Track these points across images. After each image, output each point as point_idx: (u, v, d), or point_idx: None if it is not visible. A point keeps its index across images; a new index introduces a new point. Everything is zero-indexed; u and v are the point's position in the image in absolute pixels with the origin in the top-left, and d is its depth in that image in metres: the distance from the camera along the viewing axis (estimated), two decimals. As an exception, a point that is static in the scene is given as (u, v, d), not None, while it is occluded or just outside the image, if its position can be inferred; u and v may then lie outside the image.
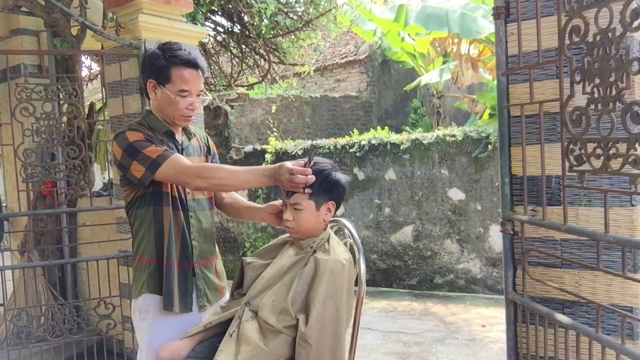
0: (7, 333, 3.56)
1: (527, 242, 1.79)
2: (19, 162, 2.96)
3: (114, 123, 3.41)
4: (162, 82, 1.79)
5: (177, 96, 1.78)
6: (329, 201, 1.71)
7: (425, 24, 7.13)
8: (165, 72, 1.77)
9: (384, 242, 5.80)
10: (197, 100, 1.84)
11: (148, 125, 1.85)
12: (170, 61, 1.77)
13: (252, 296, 1.71)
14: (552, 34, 1.66)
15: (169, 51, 1.78)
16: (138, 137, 1.76)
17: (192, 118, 1.86)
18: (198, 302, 1.89)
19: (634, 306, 1.61)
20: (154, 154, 1.72)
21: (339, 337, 1.60)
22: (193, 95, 1.82)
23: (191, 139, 1.97)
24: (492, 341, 3.95)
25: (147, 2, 3.13)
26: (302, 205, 1.67)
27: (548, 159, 1.70)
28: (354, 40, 10.65)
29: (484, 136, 5.15)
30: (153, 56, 1.80)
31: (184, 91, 1.79)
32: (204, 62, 1.84)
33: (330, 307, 1.58)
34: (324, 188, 1.68)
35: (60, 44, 3.74)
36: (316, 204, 1.69)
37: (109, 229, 3.58)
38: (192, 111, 1.83)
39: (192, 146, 1.95)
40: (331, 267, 1.61)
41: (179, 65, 1.77)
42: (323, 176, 1.67)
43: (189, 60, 1.78)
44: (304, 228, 1.72)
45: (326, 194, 1.69)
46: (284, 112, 8.60)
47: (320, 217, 1.71)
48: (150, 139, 1.78)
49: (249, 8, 4.91)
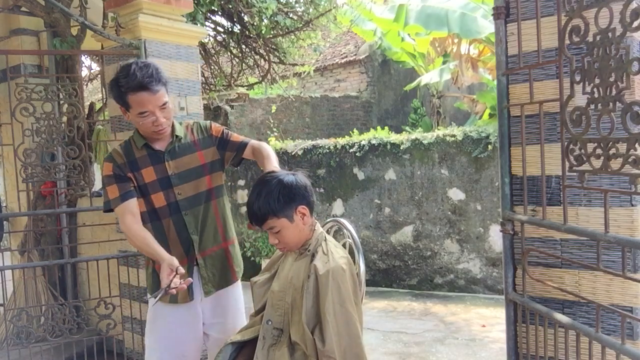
0: (7, 333, 3.56)
1: (527, 242, 1.79)
2: (19, 162, 2.96)
3: (114, 123, 3.41)
4: (125, 108, 1.93)
5: (139, 119, 1.91)
6: (297, 207, 1.68)
7: (425, 24, 7.13)
8: (123, 100, 1.89)
9: (384, 242, 5.80)
10: (160, 115, 1.91)
11: (132, 140, 2.03)
12: (123, 89, 1.87)
13: (271, 313, 1.72)
14: (552, 34, 1.66)
15: (121, 79, 1.89)
16: (107, 172, 1.98)
17: (163, 130, 1.96)
18: (203, 289, 2.05)
19: (634, 306, 1.61)
20: (110, 195, 1.96)
21: (357, 337, 1.62)
22: (155, 112, 1.90)
23: (181, 139, 2.05)
24: (492, 341, 3.95)
25: (147, 2, 3.13)
26: (277, 226, 1.67)
27: (548, 159, 1.70)
28: (354, 40, 10.65)
29: (484, 136, 5.15)
30: (111, 85, 1.92)
31: (142, 113, 1.89)
32: (158, 77, 1.89)
33: (342, 314, 1.59)
34: (282, 200, 1.65)
35: (60, 44, 3.74)
36: (287, 218, 1.67)
37: (109, 229, 3.58)
38: (159, 126, 1.93)
39: (183, 145, 2.05)
40: (333, 276, 1.61)
41: (131, 91, 1.86)
42: (275, 190, 1.65)
43: (138, 84, 1.85)
44: (293, 242, 1.72)
45: (289, 204, 1.67)
46: (284, 112, 8.60)
47: (299, 225, 1.70)
48: (117, 172, 1.96)
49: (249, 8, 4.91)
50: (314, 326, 1.61)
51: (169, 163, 2.01)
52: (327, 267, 1.63)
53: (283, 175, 1.70)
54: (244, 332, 1.82)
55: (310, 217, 1.75)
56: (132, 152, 2.01)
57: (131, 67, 1.86)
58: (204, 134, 2.10)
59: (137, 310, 3.34)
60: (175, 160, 2.01)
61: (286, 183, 1.67)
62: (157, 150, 2.01)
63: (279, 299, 1.72)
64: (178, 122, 2.10)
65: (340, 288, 1.61)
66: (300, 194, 1.69)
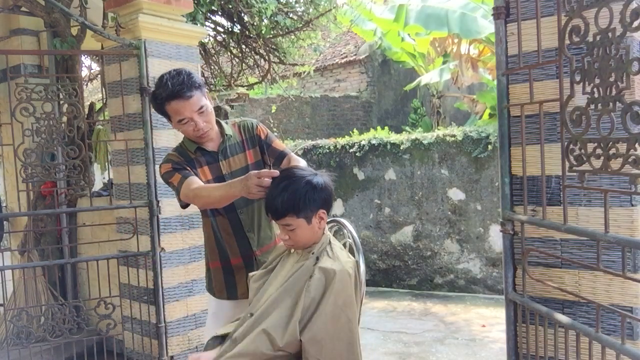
0: (7, 333, 3.56)
1: (527, 242, 1.79)
2: (19, 162, 2.96)
3: (114, 123, 3.41)
4: (167, 118, 2.00)
5: (180, 126, 1.96)
6: (318, 211, 1.66)
7: (425, 24, 7.13)
8: (162, 110, 1.95)
9: (384, 242, 5.80)
10: (200, 120, 1.94)
11: (184, 145, 2.07)
12: (159, 100, 1.92)
13: (256, 306, 1.69)
14: (552, 34, 1.66)
15: (156, 91, 1.93)
16: (166, 169, 2.02)
17: (205, 134, 1.99)
18: None
19: (634, 306, 1.61)
20: (175, 182, 1.97)
21: (353, 345, 1.60)
22: (193, 118, 1.93)
23: (231, 137, 2.10)
24: (492, 341, 3.95)
25: (147, 2, 3.13)
26: (293, 224, 1.64)
27: (548, 159, 1.69)
28: (354, 40, 10.65)
29: (484, 136, 5.15)
30: (150, 99, 1.98)
31: (181, 121, 1.94)
32: (190, 83, 1.91)
33: (342, 318, 1.57)
34: (307, 202, 1.62)
35: (60, 44, 3.74)
36: (306, 219, 1.64)
37: (109, 229, 3.58)
38: (200, 131, 1.96)
39: (233, 145, 2.09)
40: (339, 278, 1.59)
41: (166, 101, 1.90)
42: (302, 190, 1.61)
43: (171, 93, 1.88)
44: (302, 242, 1.70)
45: (312, 206, 1.64)
46: (284, 112, 8.60)
47: (314, 228, 1.68)
48: (176, 165, 1.99)
49: (249, 8, 4.91)
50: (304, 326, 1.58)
51: (223, 163, 2.05)
52: (335, 269, 1.61)
53: (311, 175, 1.65)
54: (230, 325, 1.79)
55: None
56: (188, 154, 2.05)
57: (164, 78, 1.91)
58: (251, 132, 2.14)
59: (137, 310, 3.34)
60: (228, 159, 2.06)
61: (315, 185, 1.63)
62: (210, 150, 2.06)
63: (269, 296, 1.70)
64: (224, 121, 2.13)
65: (344, 292, 1.60)
66: (324, 199, 1.66)
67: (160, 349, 3.23)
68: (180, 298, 3.33)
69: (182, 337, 3.34)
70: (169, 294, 3.26)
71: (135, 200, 3.26)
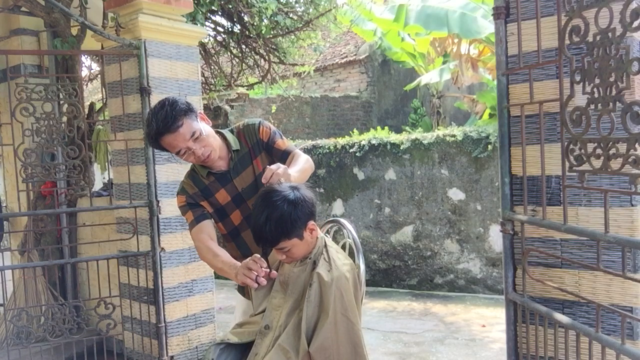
0: (7, 333, 3.57)
1: (527, 242, 1.79)
2: (19, 162, 2.96)
3: (114, 123, 3.41)
4: (168, 152, 1.97)
5: (182, 157, 1.93)
6: (307, 225, 1.66)
7: (425, 24, 7.13)
8: (159, 147, 1.93)
9: (384, 242, 5.80)
10: (197, 147, 1.89)
11: (196, 169, 2.06)
12: (152, 141, 1.90)
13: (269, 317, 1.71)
14: (552, 34, 1.66)
15: (146, 130, 1.91)
16: (181, 203, 2.05)
17: (209, 159, 1.95)
18: None
19: (634, 306, 1.61)
20: (188, 220, 2.03)
21: (357, 346, 1.62)
22: (189, 147, 1.89)
23: (239, 151, 2.05)
24: (492, 341, 3.95)
25: (147, 2, 3.13)
26: (287, 246, 1.65)
27: (548, 159, 1.69)
28: (354, 40, 10.65)
29: (484, 136, 5.15)
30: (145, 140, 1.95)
31: (179, 152, 1.90)
32: (173, 115, 1.84)
33: (344, 323, 1.59)
34: (293, 222, 1.61)
35: (60, 44, 3.74)
36: (298, 237, 1.64)
37: (109, 229, 3.58)
38: (201, 157, 1.92)
39: (242, 158, 2.04)
40: (336, 285, 1.60)
41: (158, 138, 1.87)
42: (285, 213, 1.60)
43: (158, 130, 1.84)
44: (299, 255, 1.71)
45: (300, 224, 1.63)
46: (284, 112, 8.60)
47: (307, 240, 1.68)
48: (190, 200, 2.03)
49: (249, 8, 4.91)
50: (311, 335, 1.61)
51: (236, 180, 2.02)
52: (331, 276, 1.62)
53: (288, 192, 1.63)
54: (240, 333, 1.80)
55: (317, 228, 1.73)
56: (201, 181, 2.03)
57: (149, 115, 1.88)
58: (255, 138, 2.07)
59: (137, 310, 3.34)
60: (240, 175, 2.03)
61: (295, 202, 1.61)
62: (222, 171, 2.03)
63: (278, 305, 1.71)
64: (229, 130, 2.08)
65: (343, 297, 1.61)
66: (309, 212, 1.66)
67: (160, 349, 3.23)
68: (180, 298, 3.33)
69: (182, 337, 3.34)
70: (169, 294, 3.26)
71: (135, 200, 3.26)
